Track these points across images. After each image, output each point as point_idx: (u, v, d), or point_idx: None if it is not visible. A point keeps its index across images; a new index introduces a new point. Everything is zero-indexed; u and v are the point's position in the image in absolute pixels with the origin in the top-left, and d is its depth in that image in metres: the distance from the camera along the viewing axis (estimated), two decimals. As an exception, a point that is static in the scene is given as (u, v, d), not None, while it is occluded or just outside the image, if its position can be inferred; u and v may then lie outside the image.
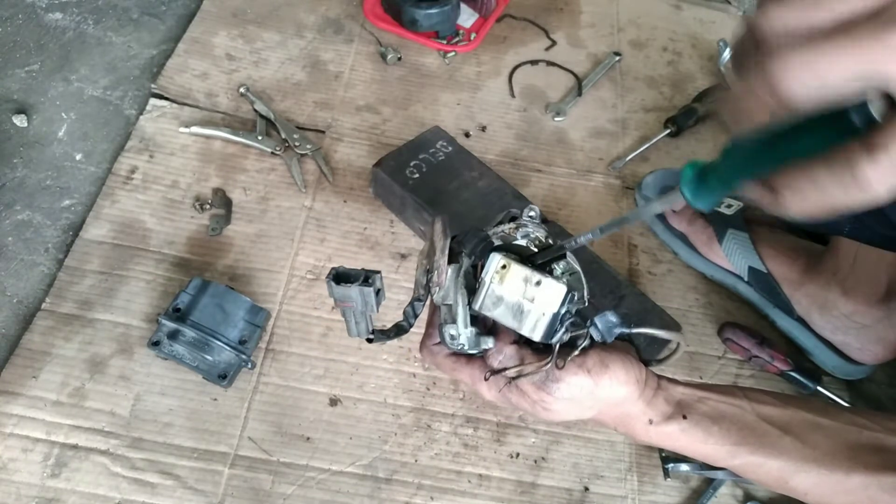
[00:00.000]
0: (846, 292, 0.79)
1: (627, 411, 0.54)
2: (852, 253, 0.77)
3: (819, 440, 0.52)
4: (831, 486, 0.51)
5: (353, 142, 1.00)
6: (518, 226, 0.53)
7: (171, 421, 0.73)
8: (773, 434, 0.53)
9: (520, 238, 0.52)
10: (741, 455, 0.53)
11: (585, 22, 1.23)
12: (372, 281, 0.51)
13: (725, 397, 0.55)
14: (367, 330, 0.55)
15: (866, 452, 0.51)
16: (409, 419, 0.77)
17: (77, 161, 0.93)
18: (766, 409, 0.54)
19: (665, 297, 0.90)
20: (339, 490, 0.72)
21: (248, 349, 0.75)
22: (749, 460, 0.53)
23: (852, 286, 0.79)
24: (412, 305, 0.54)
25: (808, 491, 0.53)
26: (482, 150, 1.00)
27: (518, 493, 0.74)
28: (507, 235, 0.52)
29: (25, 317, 0.79)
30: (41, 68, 1.01)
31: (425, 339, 0.57)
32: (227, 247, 0.87)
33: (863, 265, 0.77)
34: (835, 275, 0.80)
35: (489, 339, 0.52)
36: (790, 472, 0.52)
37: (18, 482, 0.68)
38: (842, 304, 0.80)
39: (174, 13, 1.12)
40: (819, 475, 0.51)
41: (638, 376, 0.53)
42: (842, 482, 0.51)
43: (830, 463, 0.51)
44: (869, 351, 0.81)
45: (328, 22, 1.14)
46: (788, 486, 0.53)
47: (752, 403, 0.55)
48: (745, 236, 0.86)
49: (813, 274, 0.82)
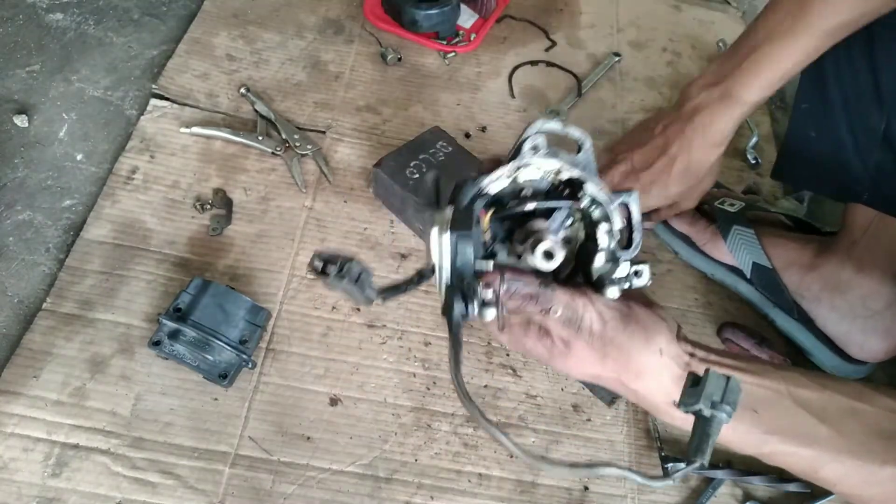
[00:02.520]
0: (862, 268, 0.79)
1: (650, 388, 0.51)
2: (869, 224, 0.77)
3: (854, 428, 0.50)
4: (863, 477, 0.49)
5: (354, 142, 1.00)
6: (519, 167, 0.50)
7: (171, 420, 0.74)
8: (809, 422, 0.50)
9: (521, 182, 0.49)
10: (772, 444, 0.50)
11: (585, 23, 1.23)
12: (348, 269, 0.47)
13: (761, 379, 0.52)
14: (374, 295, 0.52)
15: None
16: (410, 419, 0.77)
17: (78, 161, 0.93)
18: (803, 392, 0.51)
19: (665, 296, 0.91)
20: (339, 489, 0.72)
21: (248, 349, 0.75)
22: (779, 449, 0.50)
23: (868, 262, 0.79)
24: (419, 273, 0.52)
25: (838, 481, 0.50)
26: (482, 151, 1.01)
27: (518, 493, 0.74)
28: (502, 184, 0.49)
29: (26, 317, 0.79)
30: (42, 68, 1.01)
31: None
32: (227, 247, 0.87)
33: (879, 237, 0.77)
34: (850, 252, 0.79)
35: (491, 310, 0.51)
36: (822, 461, 0.50)
37: (19, 482, 0.68)
38: (855, 285, 0.80)
39: (175, 14, 1.12)
40: (851, 465, 0.49)
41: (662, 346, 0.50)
42: (874, 473, 0.49)
43: (864, 453, 0.49)
44: (871, 346, 0.81)
45: (328, 22, 1.15)
46: (818, 476, 0.51)
47: (788, 386, 0.51)
48: (750, 232, 0.86)
49: (826, 255, 0.82)
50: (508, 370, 0.82)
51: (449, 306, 0.45)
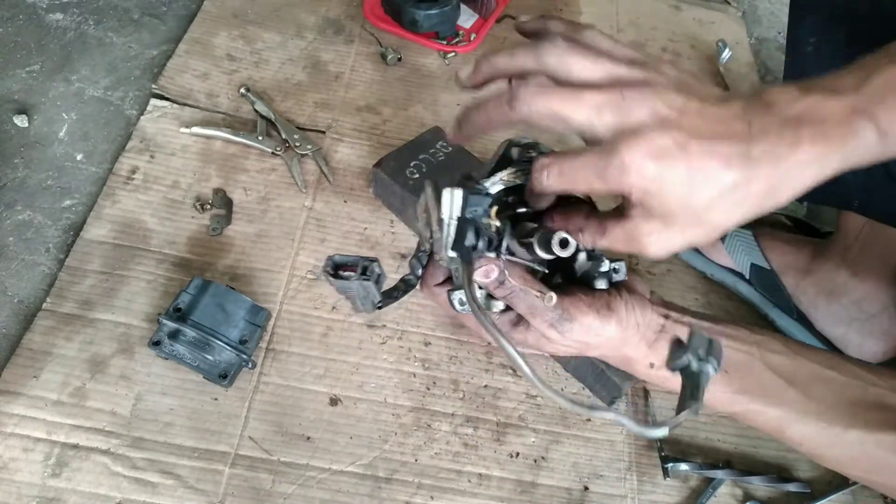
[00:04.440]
0: (856, 274, 0.79)
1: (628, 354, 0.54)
2: (861, 230, 0.77)
3: (823, 393, 0.51)
4: (828, 438, 0.51)
5: (354, 142, 1.00)
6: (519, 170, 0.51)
7: (171, 420, 0.74)
8: (778, 384, 0.52)
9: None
10: (741, 402, 0.52)
11: (585, 23, 1.23)
12: (370, 272, 0.49)
13: (735, 343, 0.54)
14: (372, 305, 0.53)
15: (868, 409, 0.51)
16: (409, 419, 0.77)
17: (78, 161, 0.93)
18: (774, 357, 0.53)
19: (664, 296, 0.89)
20: (339, 489, 0.72)
21: (248, 349, 0.75)
22: (749, 408, 0.52)
23: (863, 267, 0.78)
24: (417, 258, 0.53)
25: (802, 441, 0.52)
26: (482, 151, 1.01)
27: (518, 493, 0.74)
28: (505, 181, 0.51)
29: (26, 317, 0.79)
30: (42, 68, 1.01)
31: (427, 279, 0.57)
32: (227, 247, 0.87)
33: (872, 245, 0.77)
34: (844, 257, 0.79)
35: (499, 302, 0.52)
36: (788, 421, 0.52)
37: (19, 482, 0.68)
38: (850, 289, 0.80)
39: (175, 14, 1.12)
40: (817, 427, 0.51)
41: (639, 320, 0.52)
42: (839, 436, 0.50)
43: (830, 416, 0.51)
44: (869, 348, 0.81)
45: (328, 22, 1.15)
46: (784, 436, 0.53)
47: (761, 350, 0.53)
48: (748, 234, 0.86)
49: (821, 260, 0.82)
50: (508, 370, 0.82)
51: (461, 236, 0.46)
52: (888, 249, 0.77)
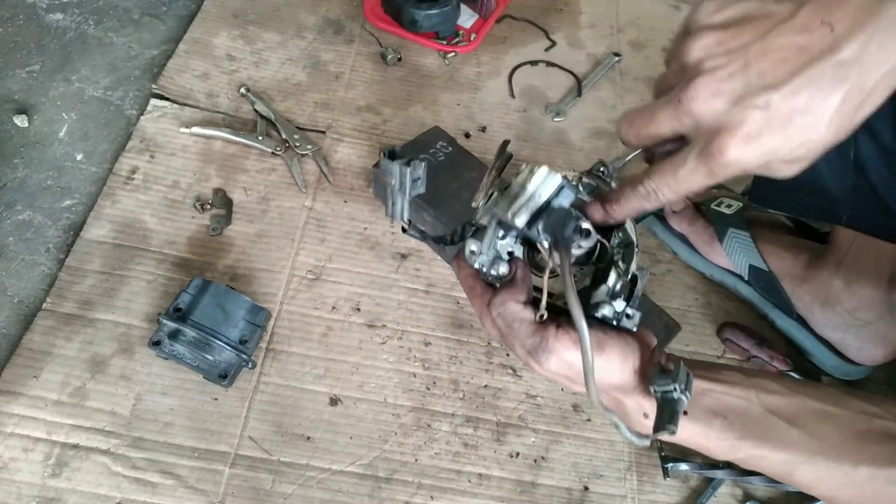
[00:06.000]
0: (849, 285, 0.79)
1: (621, 400, 0.52)
2: (852, 242, 0.77)
3: (827, 431, 0.50)
4: (838, 478, 0.49)
5: (354, 142, 1.00)
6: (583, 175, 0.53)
7: (171, 420, 0.74)
8: (780, 426, 0.51)
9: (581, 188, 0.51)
10: (744, 449, 0.51)
11: (585, 23, 1.23)
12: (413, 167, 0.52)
13: (730, 388, 0.52)
14: (401, 213, 0.54)
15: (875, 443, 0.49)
16: (409, 419, 0.77)
17: (78, 161, 0.93)
18: (773, 399, 0.52)
19: (664, 296, 0.91)
20: (339, 489, 0.72)
21: (248, 349, 0.75)
22: (752, 454, 0.51)
23: (855, 278, 0.78)
24: (463, 227, 0.53)
25: (812, 484, 0.51)
26: (482, 151, 1.01)
27: (518, 493, 0.74)
28: None
29: (26, 317, 0.79)
30: (42, 68, 1.01)
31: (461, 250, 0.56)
32: (227, 247, 0.87)
33: (865, 256, 0.77)
34: (837, 268, 0.79)
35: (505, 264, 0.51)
36: (795, 464, 0.50)
37: (19, 482, 0.68)
38: (844, 299, 0.80)
39: (175, 14, 1.12)
40: (826, 467, 0.49)
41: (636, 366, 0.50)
42: (849, 475, 0.49)
43: (837, 455, 0.49)
44: (868, 351, 0.81)
45: (328, 22, 1.15)
46: (793, 479, 0.51)
47: (758, 394, 0.52)
48: (746, 235, 0.86)
49: (816, 269, 0.82)
50: (508, 370, 0.82)
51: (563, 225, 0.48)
52: (880, 260, 0.77)
